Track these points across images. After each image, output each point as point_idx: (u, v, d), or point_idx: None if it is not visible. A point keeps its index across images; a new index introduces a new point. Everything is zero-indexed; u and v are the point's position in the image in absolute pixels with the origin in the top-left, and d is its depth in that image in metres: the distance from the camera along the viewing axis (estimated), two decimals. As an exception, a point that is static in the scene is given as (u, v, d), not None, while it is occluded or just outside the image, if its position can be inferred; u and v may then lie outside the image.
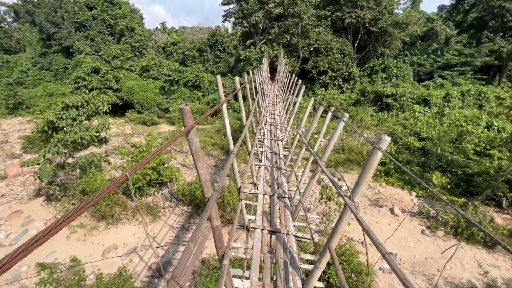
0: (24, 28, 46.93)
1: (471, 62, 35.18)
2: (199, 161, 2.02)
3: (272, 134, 8.28)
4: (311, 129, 4.58)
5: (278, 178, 5.07)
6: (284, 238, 3.22)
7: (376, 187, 12.41)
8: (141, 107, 26.77)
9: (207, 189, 2.17)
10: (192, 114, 18.60)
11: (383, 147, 1.85)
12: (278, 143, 7.64)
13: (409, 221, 10.13)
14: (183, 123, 1.80)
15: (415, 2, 49.76)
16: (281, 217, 3.62)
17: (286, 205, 3.87)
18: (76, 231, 9.49)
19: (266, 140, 7.52)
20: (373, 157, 1.93)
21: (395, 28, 33.59)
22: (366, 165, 1.99)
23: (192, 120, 1.81)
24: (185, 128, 1.82)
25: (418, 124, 15.24)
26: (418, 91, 25.77)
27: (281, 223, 3.43)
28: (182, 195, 10.60)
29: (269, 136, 8.05)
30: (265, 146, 6.92)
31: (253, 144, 4.41)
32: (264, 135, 7.90)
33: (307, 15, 30.99)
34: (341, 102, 27.12)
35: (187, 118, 1.78)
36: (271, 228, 3.29)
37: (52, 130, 10.18)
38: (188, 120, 1.79)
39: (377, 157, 1.92)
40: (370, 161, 1.95)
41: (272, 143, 7.41)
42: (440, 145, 13.26)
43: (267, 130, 8.51)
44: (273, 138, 7.89)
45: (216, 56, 43.02)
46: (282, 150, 6.96)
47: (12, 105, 28.81)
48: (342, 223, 2.23)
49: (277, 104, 13.61)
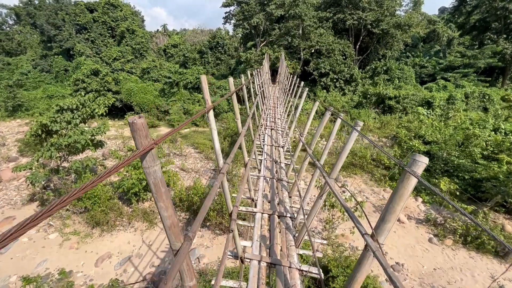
0: (25, 30, 46.96)
1: (474, 64, 34.83)
2: (160, 199, 1.39)
3: (273, 140, 7.80)
4: (316, 138, 4.19)
5: (279, 192, 4.57)
6: (286, 272, 2.74)
7: (380, 192, 12.01)
8: (140, 110, 26.52)
9: (174, 237, 1.54)
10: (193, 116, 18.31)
11: (418, 171, 1.41)
12: (279, 150, 7.18)
13: (416, 229, 9.72)
14: (135, 143, 1.19)
15: (416, 4, 49.60)
16: (282, 243, 3.15)
17: (288, 227, 3.40)
18: (69, 238, 9.15)
19: (266, 147, 7.07)
20: (404, 184, 1.45)
21: (397, 30, 33.29)
22: (395, 194, 1.50)
23: (149, 140, 1.20)
24: (138, 151, 1.16)
25: (422, 127, 14.85)
26: (421, 93, 25.42)
27: (282, 251, 2.98)
28: (179, 201, 10.24)
29: (269, 141, 7.57)
30: (265, 154, 6.46)
31: (251, 152, 3.97)
32: (263, 141, 7.45)
33: (308, 16, 30.74)
34: (343, 104, 26.80)
35: (141, 137, 1.17)
36: (271, 260, 2.81)
37: (46, 133, 9.87)
38: (142, 140, 1.18)
39: (409, 184, 1.45)
40: (401, 190, 1.47)
41: (272, 150, 6.97)
42: (446, 149, 12.86)
43: (267, 135, 8.05)
44: (273, 144, 7.42)
45: (217, 58, 42.83)
46: (283, 158, 6.47)
47: (11, 107, 28.63)
48: (363, 271, 1.72)
49: (278, 107, 13.21)
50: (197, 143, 17.81)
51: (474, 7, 40.50)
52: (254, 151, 4.39)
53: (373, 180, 12.95)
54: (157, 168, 1.32)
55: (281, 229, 3.26)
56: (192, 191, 9.96)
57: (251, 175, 4.65)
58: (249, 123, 3.67)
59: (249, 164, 3.42)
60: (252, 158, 3.79)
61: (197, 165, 15.01)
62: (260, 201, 4.14)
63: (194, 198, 9.70)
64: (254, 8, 32.92)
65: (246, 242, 3.13)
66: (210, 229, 9.40)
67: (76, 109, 10.25)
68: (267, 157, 6.29)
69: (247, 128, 3.44)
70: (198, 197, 9.77)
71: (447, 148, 12.87)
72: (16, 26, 48.22)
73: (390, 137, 18.13)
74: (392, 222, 1.57)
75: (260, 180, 4.95)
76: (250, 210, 3.67)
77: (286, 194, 4.57)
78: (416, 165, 1.41)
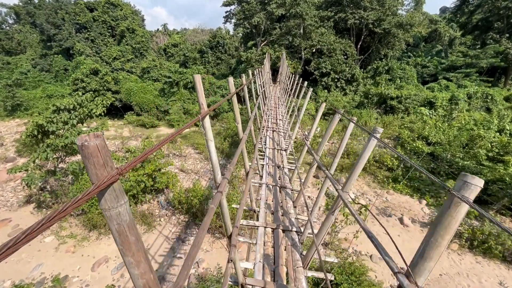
0: (25, 30, 46.77)
1: (476, 64, 34.62)
2: (128, 252, 0.95)
3: (275, 143, 7.44)
4: (324, 143, 3.94)
5: (283, 202, 4.19)
6: (293, 301, 2.37)
7: (383, 194, 11.78)
8: (140, 109, 26.30)
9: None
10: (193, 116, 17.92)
11: (471, 196, 1.20)
12: (281, 153, 6.79)
13: (421, 233, 9.50)
14: (88, 174, 0.85)
15: (418, 4, 49.35)
16: (288, 263, 2.80)
17: (294, 244, 3.07)
18: (65, 242, 8.94)
19: (268, 150, 6.69)
20: (451, 212, 1.26)
21: (399, 29, 33.05)
22: (439, 224, 1.31)
23: (108, 170, 0.84)
24: (91, 188, 0.81)
25: (426, 128, 14.60)
26: (423, 93, 25.18)
27: (289, 274, 2.64)
28: (178, 203, 10.03)
29: (271, 144, 7.25)
30: (267, 158, 6.09)
31: (253, 158, 3.72)
32: (265, 144, 7.09)
33: (309, 15, 30.50)
34: (344, 104, 26.57)
35: (96, 167, 0.82)
36: (276, 286, 2.47)
37: (43, 134, 9.66)
38: (98, 170, 0.83)
39: (459, 212, 1.25)
40: (447, 219, 1.28)
41: (274, 154, 6.60)
42: (451, 150, 12.63)
43: (268, 137, 7.70)
44: (275, 147, 7.05)
45: (217, 57, 42.62)
46: (287, 162, 6.11)
47: (10, 106, 28.45)
48: None
49: (279, 108, 12.96)
50: (197, 144, 17.58)
51: (476, 6, 40.26)
52: (256, 157, 4.13)
53: (376, 181, 12.72)
54: (122, 209, 0.92)
55: (286, 246, 2.95)
56: (191, 194, 9.74)
57: (253, 183, 4.38)
58: (250, 127, 3.43)
59: (250, 173, 3.18)
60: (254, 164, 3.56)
61: (196, 166, 14.79)
62: (263, 213, 3.77)
63: (193, 200, 9.48)
64: (254, 7, 32.68)
65: (247, 263, 2.86)
66: (210, 232, 9.19)
67: (73, 109, 10.04)
68: (269, 161, 5.98)
69: (249, 132, 3.22)
70: (198, 199, 9.55)
71: (451, 150, 12.64)
72: (16, 25, 48.04)
73: (393, 138, 17.89)
74: (435, 260, 1.35)
75: (262, 187, 4.62)
76: (251, 224, 3.38)
77: (290, 204, 4.22)
78: (467, 189, 1.19)
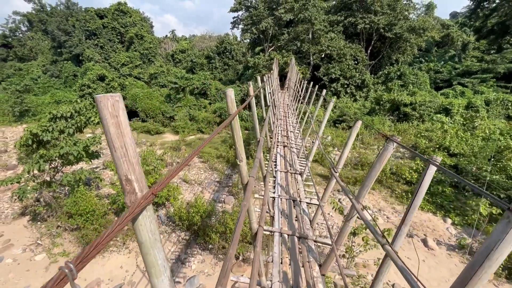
0: (37, 37, 47.76)
1: (493, 69, 33.28)
2: None
3: (287, 162, 6.10)
4: (343, 159, 3.15)
5: (306, 270, 2.82)
6: None
7: (402, 211, 10.76)
8: (145, 115, 25.96)
9: None
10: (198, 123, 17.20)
11: None
12: (296, 178, 5.32)
13: (448, 257, 8.45)
14: None
15: (429, 8, 48.39)
16: None
17: None
18: (57, 261, 8.27)
19: (279, 175, 5.33)
20: None
21: (411, 34, 32.09)
22: None
23: None
24: None
25: (447, 137, 13.53)
26: (438, 100, 24.03)
27: None
28: (179, 219, 9.27)
29: (283, 165, 5.87)
30: (278, 186, 4.74)
31: (263, 201, 2.89)
32: (275, 164, 5.79)
33: (318, 20, 29.88)
34: (355, 111, 25.60)
35: None
36: None
37: (38, 143, 9.13)
38: None
39: None
40: None
41: (288, 179, 5.24)
42: (476, 163, 11.54)
43: (279, 155, 6.37)
44: (288, 170, 5.62)
45: (224, 63, 42.39)
46: (304, 192, 4.64)
47: (18, 112, 28.60)
48: None
49: (290, 117, 12.09)
50: (202, 152, 16.90)
51: (492, 10, 38.99)
52: (267, 201, 3.16)
53: (394, 196, 11.71)
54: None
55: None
56: (192, 209, 8.97)
57: (264, 231, 3.41)
58: (260, 159, 2.68)
59: (260, 230, 2.37)
60: (264, 211, 2.76)
61: (200, 176, 14.07)
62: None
63: (195, 217, 8.70)
64: (262, 13, 32.30)
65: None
66: (212, 253, 8.38)
67: (71, 117, 9.50)
68: (281, 191, 4.65)
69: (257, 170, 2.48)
70: (200, 216, 8.77)
71: (477, 162, 11.55)
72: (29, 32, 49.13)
73: (410, 146, 16.82)
74: None
75: (274, 239, 3.28)
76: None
77: (317, 270, 2.91)
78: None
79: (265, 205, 2.71)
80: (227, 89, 2.15)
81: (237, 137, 2.46)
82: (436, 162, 1.73)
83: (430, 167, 1.81)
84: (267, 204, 3.53)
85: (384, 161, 2.18)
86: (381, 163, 2.18)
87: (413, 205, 1.98)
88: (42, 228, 9.65)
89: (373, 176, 2.25)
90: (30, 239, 9.10)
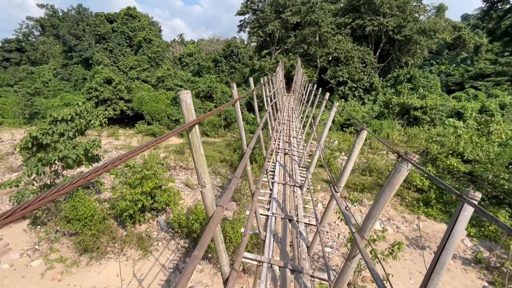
0: (48, 41, 48.94)
1: (508, 72, 32.19)
2: None
3: (286, 173, 5.52)
4: (347, 171, 2.73)
5: None
6: None
7: (414, 220, 10.17)
8: (151, 118, 26.00)
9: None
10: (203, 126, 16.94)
11: None
12: (295, 191, 4.79)
13: (464, 273, 7.85)
14: None
15: (440, 10, 47.38)
16: None
17: None
18: (53, 267, 8.08)
19: (277, 187, 4.82)
20: None
21: (422, 36, 31.32)
22: None
23: None
24: None
25: (461, 143, 12.87)
26: (450, 103, 23.22)
27: None
28: (178, 226, 8.98)
29: (281, 176, 5.33)
30: (274, 201, 4.23)
31: (246, 227, 2.52)
32: (273, 175, 5.27)
33: (325, 23, 29.49)
34: (363, 114, 24.98)
35: None
36: None
37: (38, 146, 9.03)
38: None
39: None
40: None
41: (286, 192, 4.71)
42: (493, 170, 10.87)
43: (278, 163, 5.83)
44: (287, 181, 5.05)
45: (231, 66, 42.35)
46: (302, 209, 4.08)
47: (28, 114, 29.15)
48: None
49: (293, 121, 11.66)
50: (205, 156, 16.64)
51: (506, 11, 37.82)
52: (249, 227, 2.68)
53: (404, 204, 11.13)
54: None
55: None
56: (192, 216, 8.67)
57: (248, 260, 2.96)
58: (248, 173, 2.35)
59: (233, 283, 1.93)
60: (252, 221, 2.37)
61: (203, 181, 13.77)
62: None
63: (194, 224, 8.39)
64: (269, 16, 32.18)
65: None
66: (212, 262, 8.03)
67: (71, 120, 9.39)
68: (277, 208, 4.09)
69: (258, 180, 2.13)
70: (199, 223, 8.46)
71: (494, 169, 10.88)
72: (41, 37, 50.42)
73: (419, 153, 16.16)
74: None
75: (263, 271, 2.79)
76: None
77: None
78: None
79: (246, 236, 2.32)
80: (181, 90, 1.72)
81: (197, 154, 1.92)
82: (474, 199, 1.27)
83: (465, 207, 1.33)
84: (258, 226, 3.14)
85: (396, 186, 1.74)
86: (392, 187, 1.77)
87: (440, 262, 1.49)
88: (41, 233, 9.51)
89: (381, 204, 1.84)
90: (28, 244, 8.96)
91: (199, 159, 1.99)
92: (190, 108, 1.75)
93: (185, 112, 1.75)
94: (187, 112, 1.76)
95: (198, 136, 1.92)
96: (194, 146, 1.94)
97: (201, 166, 2.01)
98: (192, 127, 1.83)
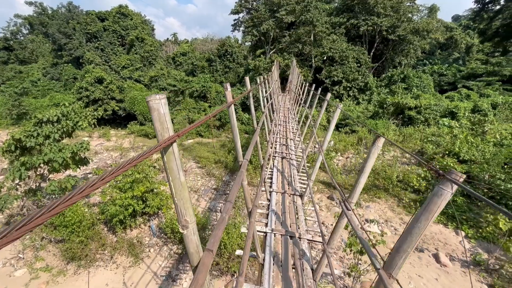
0: (37, 39, 47.70)
1: (499, 72, 32.70)
2: None
3: (285, 179, 5.13)
4: (360, 186, 2.43)
5: None
6: None
7: (411, 222, 10.05)
8: (144, 119, 25.47)
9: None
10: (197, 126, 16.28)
11: None
12: (295, 201, 4.42)
13: (463, 275, 7.74)
14: None
15: (432, 11, 47.89)
16: None
17: None
18: (38, 276, 7.66)
19: (275, 197, 4.44)
20: None
21: (415, 36, 31.53)
22: None
23: None
24: None
25: (456, 143, 12.85)
26: (443, 103, 23.39)
27: None
28: (171, 231, 8.65)
29: (280, 184, 4.92)
30: (272, 214, 3.87)
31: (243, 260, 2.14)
32: (271, 182, 4.84)
33: (320, 22, 29.40)
34: (358, 114, 24.96)
35: None
36: None
37: (22, 149, 8.57)
38: None
39: None
40: None
41: (285, 203, 4.30)
42: (489, 170, 10.84)
43: (276, 169, 5.40)
44: (286, 190, 4.66)
45: (225, 66, 41.94)
46: (304, 223, 3.70)
47: (16, 115, 28.27)
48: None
49: (290, 122, 11.41)
50: (200, 157, 16.31)
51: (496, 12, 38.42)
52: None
53: (401, 206, 11.01)
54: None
55: None
56: (185, 221, 8.34)
57: None
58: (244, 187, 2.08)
59: None
60: None
61: (197, 183, 13.46)
62: None
63: (187, 229, 8.07)
64: (264, 15, 31.91)
65: None
66: (206, 269, 7.72)
67: (58, 122, 8.95)
68: (276, 223, 3.68)
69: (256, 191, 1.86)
70: (193, 228, 8.14)
71: (489, 169, 10.85)
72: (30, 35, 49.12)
73: (414, 153, 16.13)
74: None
75: None
76: None
77: None
78: None
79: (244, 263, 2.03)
80: (151, 95, 1.21)
81: (175, 183, 1.39)
82: None
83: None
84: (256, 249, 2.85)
85: (435, 213, 1.38)
86: (429, 216, 1.34)
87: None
88: (25, 240, 9.06)
89: (415, 235, 1.43)
90: (12, 252, 8.50)
91: (178, 190, 1.41)
92: (164, 120, 1.28)
93: (157, 126, 1.27)
94: (160, 126, 1.28)
95: (177, 157, 1.38)
96: (172, 172, 1.38)
97: (181, 199, 1.43)
98: (169, 146, 1.32)
